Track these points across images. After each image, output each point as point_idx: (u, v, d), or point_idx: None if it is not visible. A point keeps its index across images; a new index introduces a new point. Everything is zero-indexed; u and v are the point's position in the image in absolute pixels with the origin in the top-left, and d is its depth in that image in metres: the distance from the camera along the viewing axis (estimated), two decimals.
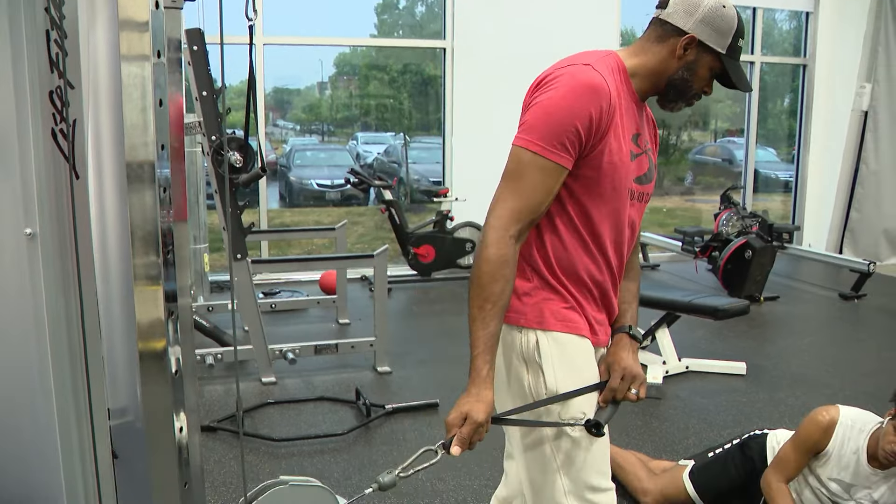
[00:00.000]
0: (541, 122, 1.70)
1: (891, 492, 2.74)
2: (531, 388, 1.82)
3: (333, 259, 5.13)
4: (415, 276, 7.32)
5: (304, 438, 3.82)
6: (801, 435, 2.84)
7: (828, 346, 5.85)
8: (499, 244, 1.69)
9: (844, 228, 9.24)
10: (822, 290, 7.65)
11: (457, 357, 5.07)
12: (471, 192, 7.45)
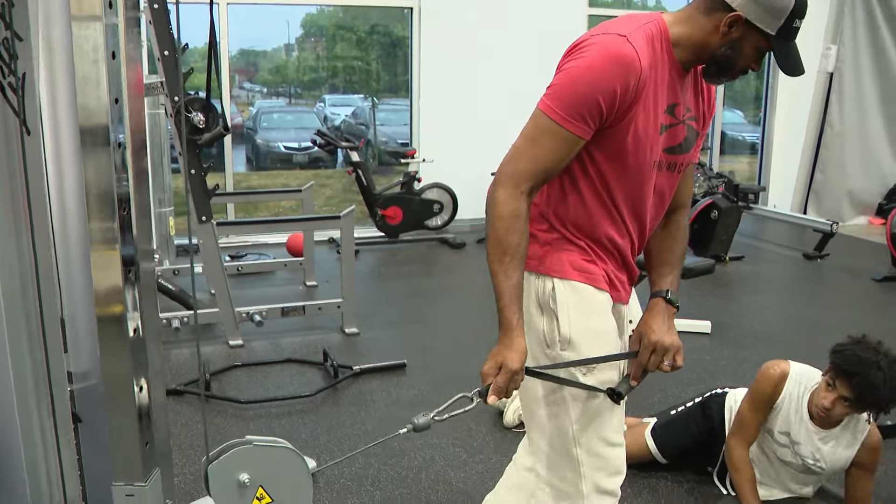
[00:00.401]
0: (565, 91, 1.69)
1: (832, 451, 2.79)
2: (545, 334, 1.85)
3: (300, 221, 5.09)
4: (382, 238, 7.30)
5: (271, 400, 3.82)
6: (755, 391, 2.88)
7: (791, 304, 5.94)
8: (510, 200, 1.71)
9: (809, 189, 9.33)
10: (786, 249, 7.74)
11: (425, 318, 5.13)
12: (438, 153, 7.43)
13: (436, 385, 4.05)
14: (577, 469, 1.89)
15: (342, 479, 3.11)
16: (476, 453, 3.35)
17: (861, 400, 2.58)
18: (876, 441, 2.80)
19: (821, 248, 7.37)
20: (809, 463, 2.82)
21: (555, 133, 1.70)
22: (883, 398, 2.55)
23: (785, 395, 2.82)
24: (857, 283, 6.54)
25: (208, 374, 3.95)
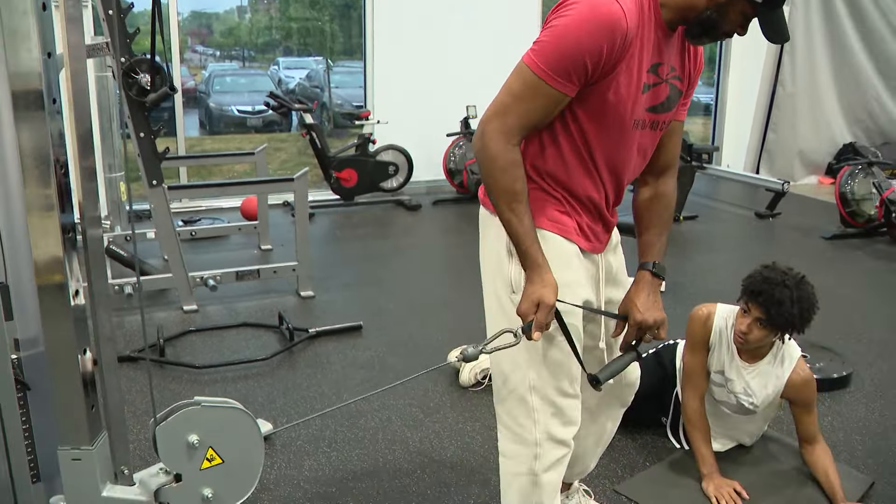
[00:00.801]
0: (550, 48, 1.70)
1: (760, 385, 2.86)
2: (513, 278, 1.90)
3: (253, 184, 5.02)
4: (337, 201, 7.24)
5: (227, 364, 3.79)
6: (689, 336, 2.95)
7: (743, 262, 6.01)
8: (505, 152, 1.76)
9: (761, 149, 9.44)
10: (739, 209, 7.84)
11: (381, 280, 5.12)
12: (393, 115, 7.37)
13: (392, 346, 4.06)
14: (532, 415, 1.94)
15: (298, 440, 3.11)
16: (432, 413, 3.37)
17: (771, 319, 2.64)
18: (803, 376, 2.85)
19: (772, 207, 7.48)
20: (742, 399, 2.88)
21: (540, 89, 1.72)
22: (792, 315, 2.60)
23: (714, 332, 2.89)
24: (807, 242, 6.66)
25: (162, 340, 3.90)
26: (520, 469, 2.00)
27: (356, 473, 2.90)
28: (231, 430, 1.52)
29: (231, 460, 1.53)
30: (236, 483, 1.55)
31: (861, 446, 3.22)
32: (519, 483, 2.02)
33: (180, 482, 1.52)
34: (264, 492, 2.76)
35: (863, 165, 6.90)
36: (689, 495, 2.81)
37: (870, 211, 6.68)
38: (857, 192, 6.76)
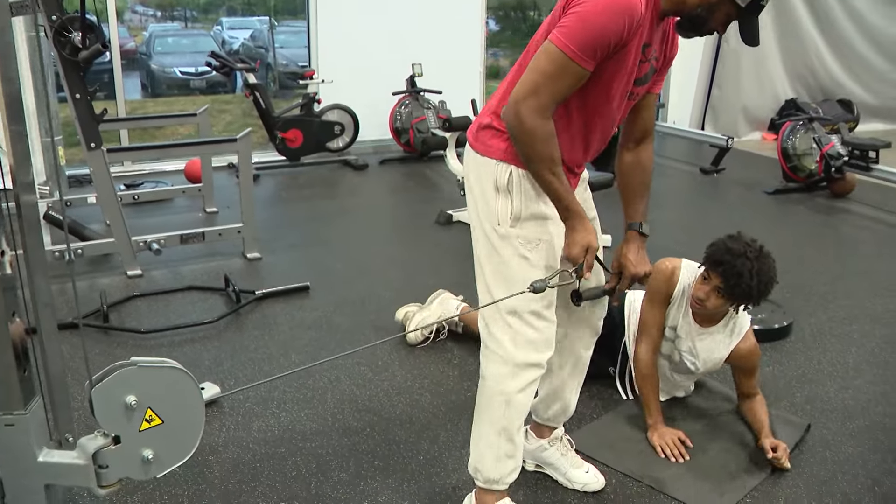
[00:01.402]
0: (580, 32, 1.87)
1: (706, 349, 2.92)
2: (499, 212, 2.10)
3: (195, 145, 4.91)
4: (283, 162, 7.14)
5: (173, 329, 3.74)
6: (650, 288, 2.98)
7: (689, 217, 6.11)
8: (543, 126, 1.95)
9: (706, 106, 9.54)
10: (684, 165, 7.92)
11: (327, 240, 5.08)
12: (338, 73, 7.27)
13: (339, 306, 4.04)
14: (514, 337, 2.13)
15: (247, 402, 3.09)
16: (381, 371, 3.37)
17: (730, 289, 2.68)
18: (749, 346, 2.92)
19: (717, 162, 7.58)
20: (686, 358, 2.95)
21: (570, 69, 1.90)
22: (751, 287, 2.65)
23: (678, 288, 2.94)
24: (751, 196, 6.76)
25: (106, 306, 3.83)
26: (496, 389, 2.18)
27: (305, 433, 2.90)
28: (170, 390, 1.50)
29: (171, 420, 1.51)
30: (178, 443, 1.53)
31: (800, 393, 3.31)
32: (494, 403, 2.19)
33: (119, 444, 1.49)
34: (213, 454, 2.74)
35: (804, 121, 7.01)
36: (635, 446, 2.87)
37: (810, 166, 6.80)
38: (798, 148, 6.87)
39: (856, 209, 6.39)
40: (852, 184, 6.68)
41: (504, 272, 2.12)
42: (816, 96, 9.95)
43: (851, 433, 3.02)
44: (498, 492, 2.31)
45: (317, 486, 2.59)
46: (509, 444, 2.22)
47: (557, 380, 2.48)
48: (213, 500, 2.50)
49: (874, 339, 3.86)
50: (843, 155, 6.54)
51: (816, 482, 2.69)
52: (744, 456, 2.82)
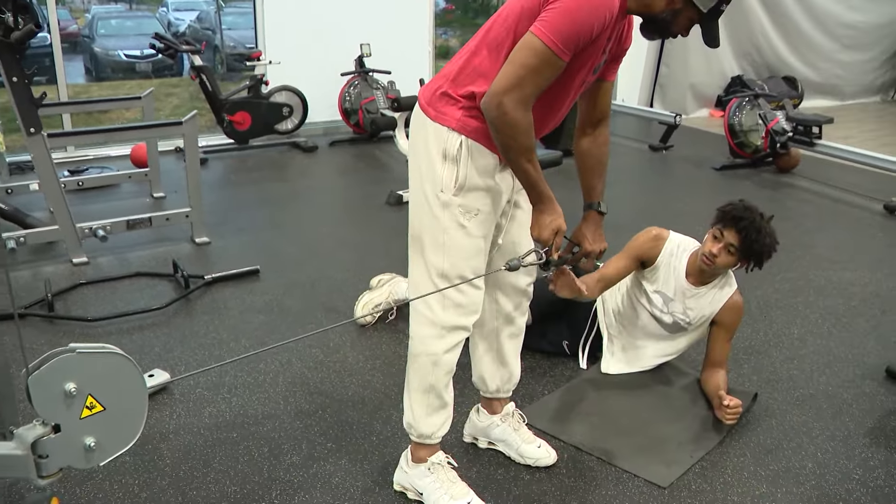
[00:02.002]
0: (564, 26, 1.91)
1: (698, 306, 3.06)
2: (443, 179, 2.14)
3: (139, 129, 4.80)
4: (231, 145, 7.03)
5: (121, 316, 3.68)
6: (633, 244, 3.12)
7: (638, 193, 6.17)
8: (525, 117, 2.00)
9: (654, 83, 9.62)
10: (633, 142, 7.98)
11: (277, 223, 5.04)
12: (285, 55, 7.18)
13: (290, 289, 4.01)
14: (443, 301, 2.20)
15: (198, 388, 3.06)
16: (333, 353, 3.36)
17: (746, 245, 2.85)
18: (737, 302, 3.07)
19: (665, 139, 7.66)
20: (679, 317, 3.08)
21: (552, 62, 1.95)
22: (764, 245, 2.85)
23: (663, 257, 3.08)
24: (699, 172, 6.85)
25: (51, 295, 3.75)
26: (424, 349, 2.27)
27: (257, 417, 2.88)
28: (111, 376, 1.47)
29: (113, 407, 1.48)
30: (121, 429, 1.51)
31: (747, 364, 3.38)
32: (422, 362, 2.28)
33: (59, 433, 1.47)
34: (163, 441, 2.71)
35: (749, 97, 7.10)
36: (586, 420, 2.91)
37: (756, 142, 6.90)
38: (744, 124, 6.97)
39: (800, 184, 6.52)
40: (797, 159, 6.80)
41: (441, 239, 2.17)
42: (762, 73, 10.10)
43: (796, 402, 3.09)
44: (431, 446, 2.40)
45: (269, 469, 2.58)
46: (438, 400, 2.33)
47: (496, 345, 2.54)
48: (164, 487, 2.48)
49: (818, 310, 3.95)
50: (787, 131, 6.65)
51: (762, 450, 2.75)
52: (693, 428, 2.87)
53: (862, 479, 2.61)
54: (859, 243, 5.01)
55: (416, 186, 2.22)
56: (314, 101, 7.33)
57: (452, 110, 2.12)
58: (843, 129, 8.74)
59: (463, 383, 2.72)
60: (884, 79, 11.47)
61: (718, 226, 2.92)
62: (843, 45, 10.65)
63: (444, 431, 2.39)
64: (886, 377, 3.30)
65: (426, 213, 2.19)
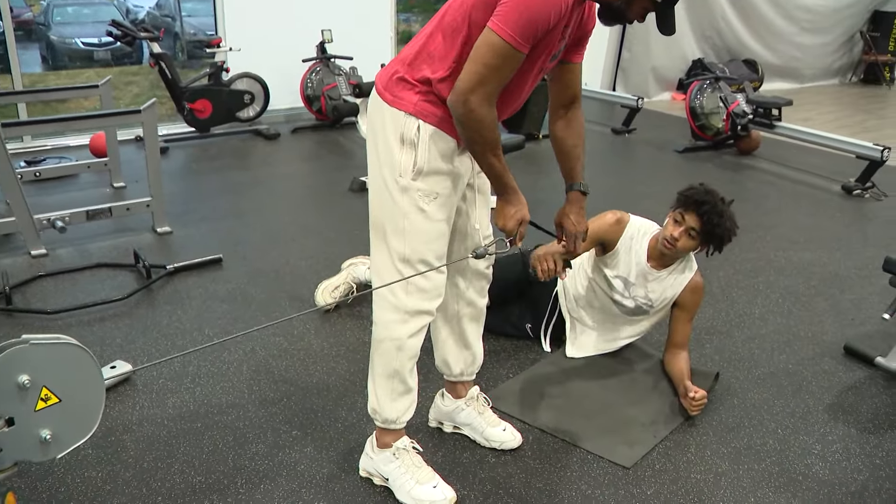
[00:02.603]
0: (521, 19, 1.92)
1: (660, 289, 3.08)
2: (401, 164, 2.14)
3: (97, 117, 4.73)
4: (193, 133, 6.95)
5: (81, 308, 3.63)
6: (593, 226, 3.04)
7: (601, 176, 6.19)
8: (489, 115, 2.02)
9: (617, 67, 9.66)
10: (596, 125, 8.01)
11: (240, 212, 5.00)
12: (246, 41, 7.10)
13: (253, 277, 3.99)
14: (405, 286, 2.20)
15: (161, 379, 3.03)
16: (297, 341, 3.35)
17: (707, 229, 2.88)
18: (698, 283, 3.10)
19: (628, 123, 7.71)
20: (641, 301, 3.10)
21: (511, 55, 1.96)
22: (725, 229, 2.88)
23: (624, 241, 3.08)
24: (661, 155, 6.91)
25: (8, 287, 3.69)
26: (388, 334, 2.27)
27: (221, 407, 2.86)
28: (66, 368, 1.45)
29: (69, 398, 1.46)
30: (77, 421, 1.49)
31: (709, 344, 3.42)
32: (386, 347, 2.28)
33: (13, 426, 1.44)
34: (126, 433, 2.69)
35: (710, 80, 7.16)
36: (551, 402, 2.92)
37: (718, 124, 6.97)
38: (705, 107, 7.03)
39: (761, 165, 6.60)
40: (757, 141, 6.88)
41: (402, 224, 2.17)
42: (723, 56, 10.19)
43: (757, 380, 3.13)
44: (396, 431, 2.40)
45: (234, 459, 2.57)
46: (402, 385, 2.33)
47: (459, 328, 2.55)
48: (127, 480, 2.45)
49: (778, 290, 4.01)
50: (748, 113, 6.72)
51: (724, 428, 2.79)
52: (657, 409, 2.90)
53: (821, 454, 2.66)
54: (818, 224, 5.09)
55: (375, 172, 2.21)
56: (276, 87, 7.26)
57: (409, 95, 2.12)
58: (803, 111, 8.86)
59: (427, 368, 2.72)
60: (841, 62, 11.63)
61: (679, 210, 2.94)
62: (801, 29, 10.78)
63: (409, 416, 2.39)
64: (844, 354, 3.36)
65: (386, 198, 2.19)
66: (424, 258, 2.20)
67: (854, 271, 4.27)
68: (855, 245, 4.69)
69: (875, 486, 2.50)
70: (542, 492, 2.43)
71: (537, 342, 3.36)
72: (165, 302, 3.71)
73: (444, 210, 2.21)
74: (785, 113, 6.63)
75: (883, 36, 11.41)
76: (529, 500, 2.39)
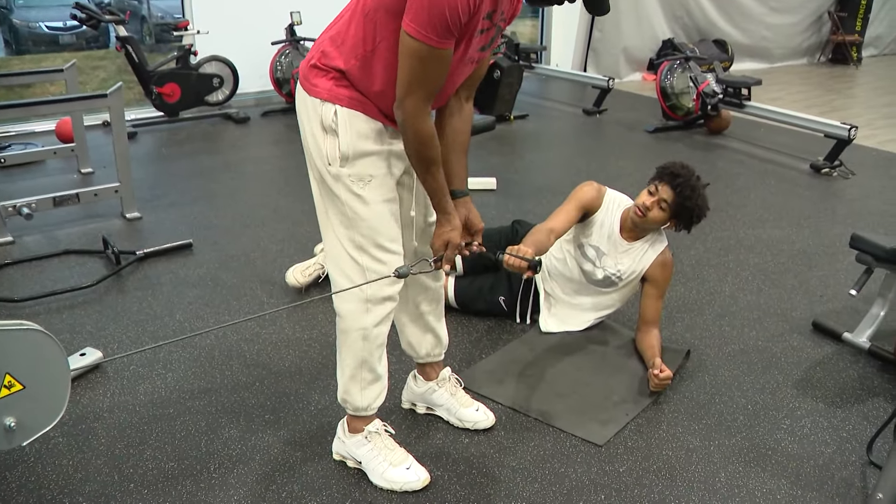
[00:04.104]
0: (433, 16, 1.82)
1: (630, 262, 3.11)
2: (328, 152, 2.10)
3: (62, 102, 4.66)
4: (161, 118, 6.88)
5: (50, 295, 3.59)
6: (578, 195, 3.11)
7: (572, 157, 6.21)
8: (425, 125, 1.99)
9: (588, 48, 9.66)
10: (567, 106, 8.02)
11: (210, 196, 4.96)
12: (214, 24, 7.01)
13: (224, 261, 3.96)
14: (363, 275, 2.17)
15: (132, 365, 3.01)
16: (269, 325, 3.33)
17: (678, 203, 2.94)
18: (667, 258, 3.13)
19: (599, 103, 7.72)
20: (610, 272, 3.13)
21: (436, 57, 1.89)
22: (696, 205, 2.94)
23: (603, 208, 3.13)
24: (632, 135, 6.93)
25: None
26: (353, 325, 2.23)
27: (193, 392, 2.85)
28: (30, 354, 1.43)
29: (33, 385, 1.44)
30: (43, 408, 1.47)
31: (680, 322, 3.44)
32: (352, 338, 2.25)
33: None
34: (97, 421, 2.66)
35: (681, 61, 7.17)
36: (523, 381, 2.93)
37: (688, 104, 6.99)
38: (676, 87, 7.05)
39: (731, 145, 6.64)
40: (727, 121, 6.91)
41: (344, 211, 2.14)
42: (693, 37, 10.22)
43: (728, 357, 3.16)
44: (367, 417, 2.40)
45: (207, 444, 2.55)
46: (371, 374, 2.31)
47: (417, 313, 2.54)
48: (99, 467, 2.44)
49: (748, 267, 4.04)
50: (718, 93, 6.75)
51: (695, 405, 2.82)
52: (629, 387, 2.92)
53: (790, 429, 2.69)
54: (787, 202, 5.13)
55: (310, 163, 2.18)
56: (245, 71, 7.19)
57: (323, 81, 2.07)
58: (772, 91, 8.92)
59: (400, 350, 2.72)
60: (810, 42, 11.70)
61: (655, 181, 2.99)
62: (771, 9, 10.84)
63: (380, 403, 2.38)
64: (813, 330, 3.40)
65: (324, 188, 2.15)
66: (378, 242, 2.16)
67: (822, 248, 4.32)
68: (823, 223, 4.74)
69: (842, 459, 2.54)
70: (516, 471, 2.44)
71: (510, 321, 3.37)
72: (135, 288, 3.68)
73: (381, 191, 2.15)
74: (755, 93, 6.67)
75: (850, 16, 11.49)
76: (503, 480, 2.40)
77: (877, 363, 3.14)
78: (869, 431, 2.67)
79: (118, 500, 2.29)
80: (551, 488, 2.37)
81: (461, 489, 2.36)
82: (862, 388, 2.97)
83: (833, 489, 2.39)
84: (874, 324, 3.24)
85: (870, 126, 7.42)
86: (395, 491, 2.34)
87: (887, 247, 3.10)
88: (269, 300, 3.54)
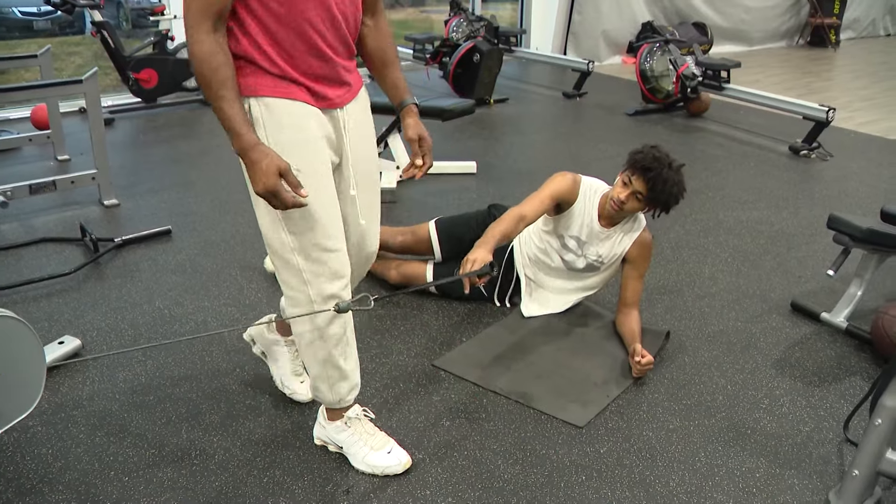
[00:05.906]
0: None
1: (610, 246, 3.13)
2: None
3: (36, 88, 4.60)
4: (139, 104, 6.82)
5: (27, 283, 3.55)
6: (551, 185, 3.09)
7: (552, 140, 6.20)
8: (201, 43, 1.82)
9: (567, 31, 9.64)
10: (547, 90, 8.01)
11: (189, 182, 4.93)
12: None
13: (203, 247, 3.94)
14: (300, 276, 2.08)
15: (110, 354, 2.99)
16: (248, 311, 3.32)
17: (652, 194, 2.92)
18: (647, 238, 3.15)
19: (579, 87, 7.72)
20: (592, 259, 3.15)
21: None
22: (670, 194, 2.93)
23: (579, 201, 3.12)
24: (612, 118, 6.93)
25: None
26: (306, 327, 2.17)
27: (174, 379, 2.83)
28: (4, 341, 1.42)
29: (8, 373, 1.43)
30: (17, 396, 1.46)
31: (660, 304, 3.45)
32: (307, 340, 2.20)
33: None
34: (77, 409, 2.64)
35: (660, 43, 7.18)
36: (504, 365, 2.94)
37: (668, 87, 7.00)
38: (655, 69, 7.06)
39: (710, 127, 6.66)
40: (707, 103, 6.94)
41: (277, 214, 2.03)
42: (672, 19, 10.22)
43: (707, 337, 3.18)
44: (344, 408, 2.37)
45: (188, 430, 2.54)
46: (337, 371, 2.25)
47: None
48: (79, 455, 2.42)
49: (727, 249, 4.06)
50: (697, 75, 6.76)
51: (675, 386, 2.83)
52: (609, 368, 2.93)
53: (769, 408, 2.71)
54: (766, 184, 5.16)
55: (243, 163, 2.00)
56: None
57: (240, 80, 1.95)
58: (751, 73, 8.95)
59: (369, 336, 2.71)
60: (788, 24, 11.75)
61: (628, 172, 2.97)
62: None
63: (354, 396, 2.34)
64: (791, 311, 3.42)
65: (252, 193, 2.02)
66: (317, 241, 2.05)
67: (800, 230, 4.34)
68: (801, 204, 4.77)
69: (819, 437, 2.56)
70: (497, 453, 2.45)
71: (490, 301, 3.37)
72: (114, 275, 3.65)
73: (311, 181, 2.00)
74: (734, 75, 6.68)
75: None
76: (484, 462, 2.41)
77: (854, 342, 3.17)
78: (846, 409, 2.70)
79: (98, 489, 2.28)
80: (532, 470, 2.38)
81: (442, 472, 2.36)
82: (839, 367, 2.99)
83: (811, 467, 2.42)
84: (851, 304, 3.27)
85: (848, 108, 7.47)
86: (377, 475, 2.34)
87: (864, 227, 3.12)
88: (248, 286, 3.52)
